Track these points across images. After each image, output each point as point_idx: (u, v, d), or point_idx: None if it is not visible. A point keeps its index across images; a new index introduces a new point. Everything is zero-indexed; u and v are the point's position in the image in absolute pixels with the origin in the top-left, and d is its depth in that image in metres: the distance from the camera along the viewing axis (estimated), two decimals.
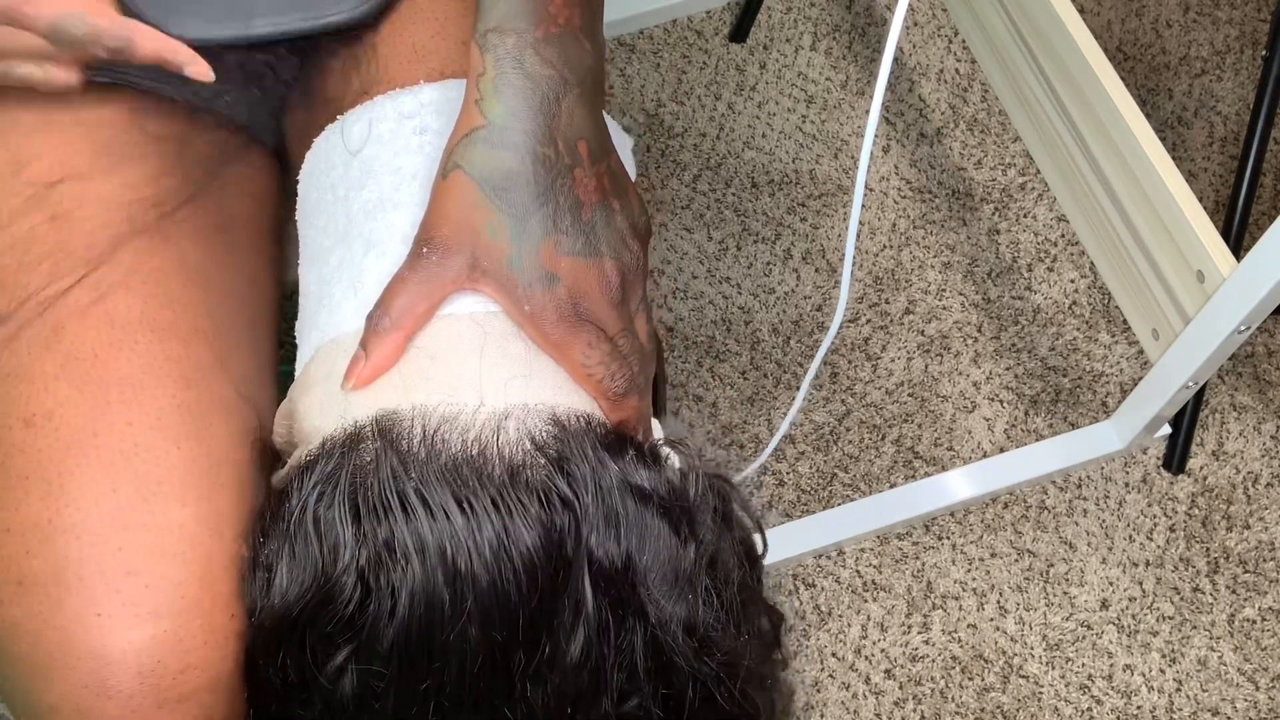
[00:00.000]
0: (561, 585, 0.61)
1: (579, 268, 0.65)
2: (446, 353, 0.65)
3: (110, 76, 0.75)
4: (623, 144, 0.73)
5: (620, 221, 0.67)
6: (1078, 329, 1.34)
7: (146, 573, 0.64)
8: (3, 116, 0.73)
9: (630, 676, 0.62)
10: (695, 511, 0.65)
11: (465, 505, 0.60)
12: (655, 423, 0.73)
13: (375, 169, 0.70)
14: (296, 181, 0.76)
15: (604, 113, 0.69)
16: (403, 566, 0.60)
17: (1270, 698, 1.19)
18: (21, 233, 0.71)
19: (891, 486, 1.27)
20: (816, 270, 1.35)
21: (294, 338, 0.75)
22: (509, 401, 0.63)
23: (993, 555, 1.24)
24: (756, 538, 0.71)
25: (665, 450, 0.68)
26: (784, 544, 1.23)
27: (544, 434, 0.63)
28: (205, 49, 0.70)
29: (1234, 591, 1.23)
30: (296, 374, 0.72)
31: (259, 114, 0.80)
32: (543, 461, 0.62)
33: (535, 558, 0.60)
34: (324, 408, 0.66)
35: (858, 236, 1.37)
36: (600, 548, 0.61)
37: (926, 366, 1.32)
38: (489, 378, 0.64)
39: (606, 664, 0.62)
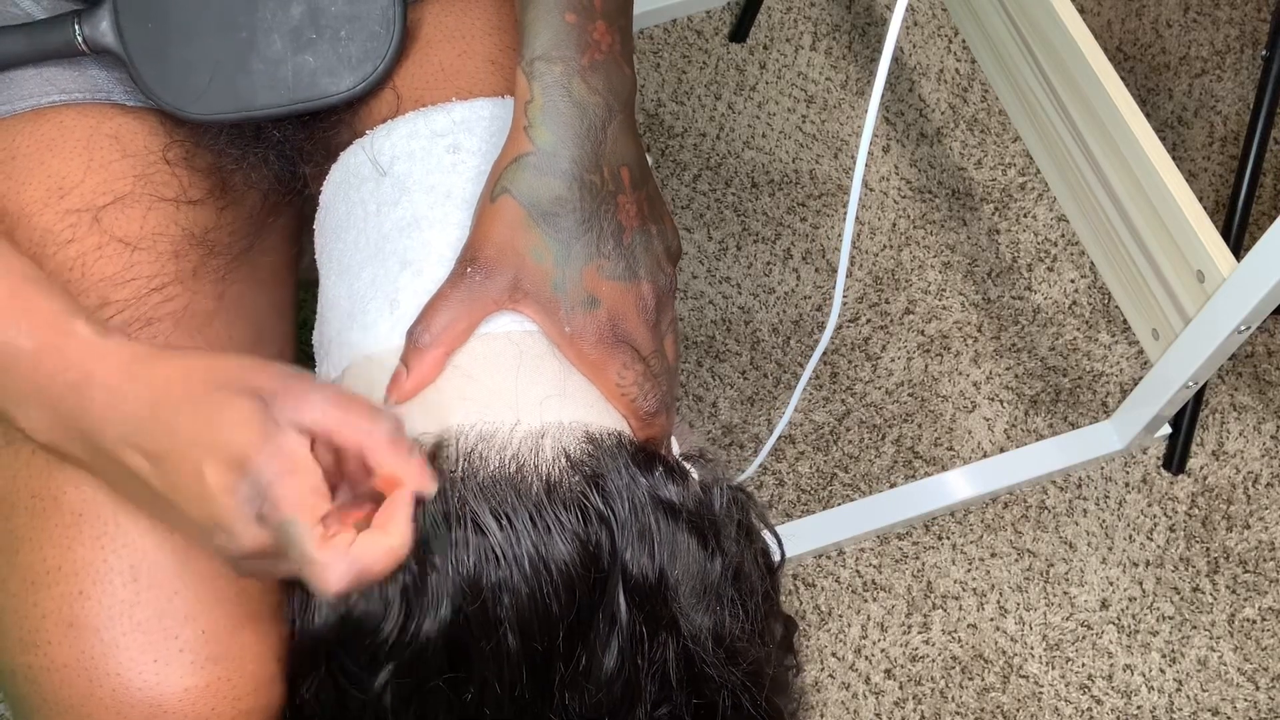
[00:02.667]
0: (598, 598, 0.62)
1: (619, 291, 0.66)
2: (483, 371, 0.65)
3: (139, 100, 0.76)
4: None
5: (657, 245, 0.68)
6: (1078, 329, 1.34)
7: (203, 617, 0.64)
8: (39, 142, 0.73)
9: (662, 686, 0.63)
10: (720, 525, 0.67)
11: (504, 520, 0.61)
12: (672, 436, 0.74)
13: (409, 186, 0.70)
14: (318, 192, 0.76)
15: None
16: (444, 581, 0.60)
17: (1270, 698, 1.19)
18: (71, 258, 0.70)
19: (891, 486, 1.27)
20: (816, 270, 1.35)
21: (307, 343, 0.75)
22: (544, 420, 0.64)
23: (993, 555, 1.24)
24: (774, 547, 0.72)
25: (688, 465, 0.69)
26: (784, 544, 1.23)
27: (579, 451, 0.63)
28: (213, 124, 0.74)
29: (1234, 591, 1.23)
30: None
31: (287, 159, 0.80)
32: (578, 478, 0.63)
33: (573, 571, 0.61)
34: None
35: (858, 236, 1.37)
36: (635, 562, 0.62)
37: (926, 366, 1.32)
38: (525, 396, 0.65)
39: (640, 674, 0.63)
